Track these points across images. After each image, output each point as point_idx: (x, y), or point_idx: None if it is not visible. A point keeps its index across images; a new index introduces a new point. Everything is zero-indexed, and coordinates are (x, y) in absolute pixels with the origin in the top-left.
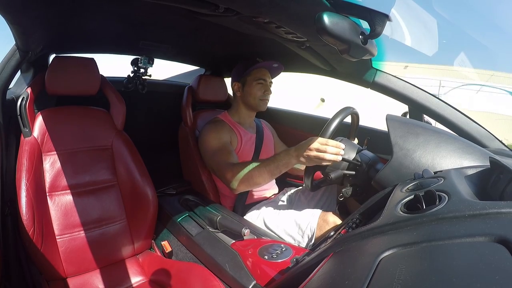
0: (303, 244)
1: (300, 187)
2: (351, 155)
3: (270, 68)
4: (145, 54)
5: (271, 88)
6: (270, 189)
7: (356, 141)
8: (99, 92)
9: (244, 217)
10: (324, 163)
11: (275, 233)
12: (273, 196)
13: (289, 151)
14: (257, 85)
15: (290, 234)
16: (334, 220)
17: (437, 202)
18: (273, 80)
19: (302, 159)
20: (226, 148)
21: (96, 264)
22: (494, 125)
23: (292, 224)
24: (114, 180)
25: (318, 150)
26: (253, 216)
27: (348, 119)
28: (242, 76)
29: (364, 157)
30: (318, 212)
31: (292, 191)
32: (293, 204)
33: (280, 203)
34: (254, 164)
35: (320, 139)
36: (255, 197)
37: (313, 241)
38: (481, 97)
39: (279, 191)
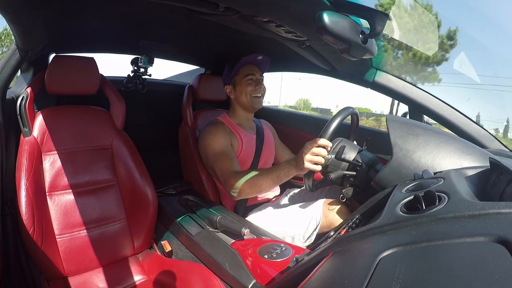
0: (308, 233)
1: (303, 187)
2: (351, 156)
3: (257, 62)
4: (145, 53)
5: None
6: (272, 191)
7: (354, 142)
8: (99, 91)
9: (246, 218)
10: (318, 160)
11: (277, 232)
12: (274, 199)
13: (289, 162)
14: (246, 82)
15: (294, 226)
16: (339, 206)
17: (437, 203)
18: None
19: (303, 165)
20: (228, 154)
21: (96, 263)
22: None
23: (296, 216)
24: (114, 180)
25: (312, 154)
26: (254, 218)
27: (348, 120)
28: (231, 78)
29: (364, 158)
30: (321, 200)
31: (295, 191)
32: (296, 203)
33: (283, 204)
34: (256, 173)
35: (308, 146)
36: (257, 198)
37: (318, 229)
38: None
39: (281, 192)
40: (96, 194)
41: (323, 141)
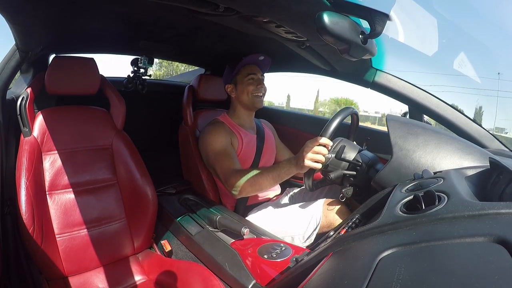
0: (308, 233)
1: (303, 187)
2: (351, 155)
3: (258, 62)
4: (145, 54)
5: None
6: (272, 190)
7: (354, 142)
8: (99, 92)
9: (246, 218)
10: (319, 158)
11: (277, 232)
12: (275, 198)
13: (290, 160)
14: (248, 81)
15: (294, 226)
16: (339, 206)
17: (437, 203)
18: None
19: (304, 163)
20: (228, 153)
21: (96, 263)
22: None
23: (296, 216)
24: (114, 180)
25: (313, 152)
26: (254, 217)
27: (348, 120)
28: (232, 77)
29: (364, 157)
30: (321, 200)
31: (295, 191)
32: (296, 203)
33: (283, 204)
34: (256, 171)
35: (309, 144)
36: (258, 198)
37: (317, 229)
38: None
39: (282, 191)
40: (96, 194)
41: (324, 139)
